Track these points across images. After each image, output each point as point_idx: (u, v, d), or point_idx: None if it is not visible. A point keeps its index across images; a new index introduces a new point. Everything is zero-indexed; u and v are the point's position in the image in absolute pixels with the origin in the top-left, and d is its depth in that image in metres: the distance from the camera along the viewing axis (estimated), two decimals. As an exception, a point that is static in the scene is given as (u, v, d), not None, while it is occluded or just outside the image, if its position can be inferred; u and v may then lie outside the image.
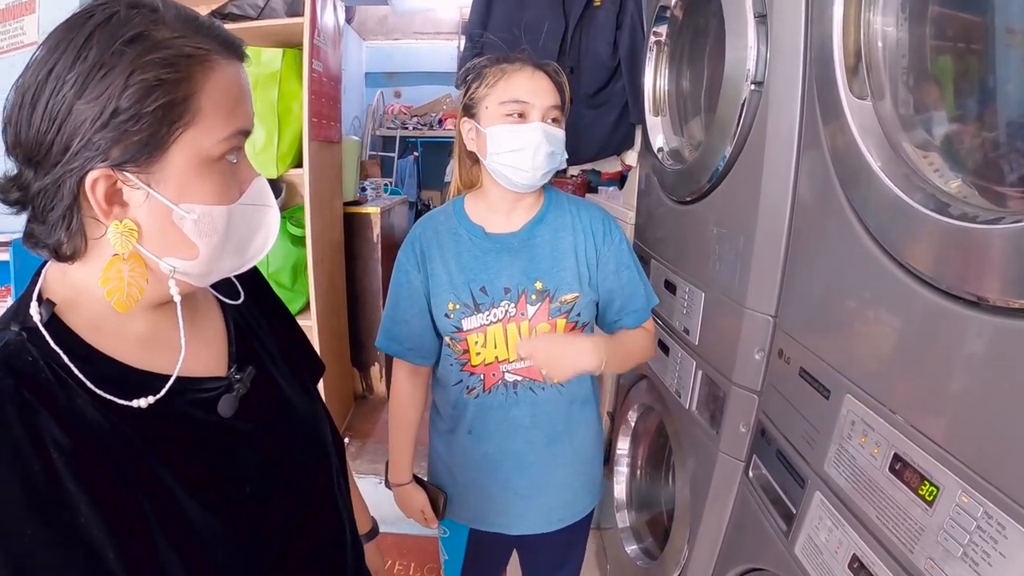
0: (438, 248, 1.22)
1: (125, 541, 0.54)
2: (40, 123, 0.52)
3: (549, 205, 1.25)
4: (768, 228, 1.14)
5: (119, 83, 0.52)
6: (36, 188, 0.54)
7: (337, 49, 2.60)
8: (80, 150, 0.52)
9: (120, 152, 0.53)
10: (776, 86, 1.11)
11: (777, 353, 1.13)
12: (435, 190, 5.39)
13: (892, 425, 0.81)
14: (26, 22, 2.31)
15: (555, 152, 1.15)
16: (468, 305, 1.19)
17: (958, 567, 0.69)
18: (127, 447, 0.57)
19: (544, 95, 1.13)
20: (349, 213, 2.92)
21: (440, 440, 1.36)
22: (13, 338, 0.55)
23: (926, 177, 0.81)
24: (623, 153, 2.18)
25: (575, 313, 1.21)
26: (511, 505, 1.31)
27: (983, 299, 0.69)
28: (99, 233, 0.57)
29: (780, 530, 1.05)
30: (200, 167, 0.58)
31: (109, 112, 0.52)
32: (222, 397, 0.67)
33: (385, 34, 5.17)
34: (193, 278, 0.63)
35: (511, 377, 1.23)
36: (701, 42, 1.60)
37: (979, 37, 0.81)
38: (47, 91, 0.52)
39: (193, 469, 0.62)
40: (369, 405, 3.13)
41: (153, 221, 0.57)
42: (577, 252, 1.22)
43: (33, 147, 0.53)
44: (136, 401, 0.59)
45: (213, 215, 0.60)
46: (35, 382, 0.53)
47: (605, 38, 2.00)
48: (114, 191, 0.55)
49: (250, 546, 0.66)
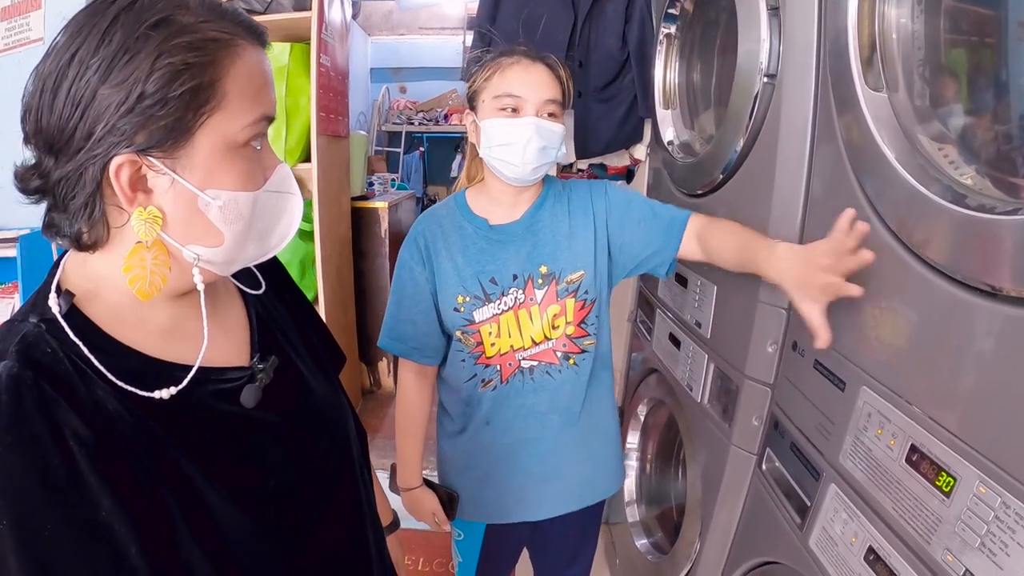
0: (443, 242, 1.23)
1: (148, 535, 0.53)
2: (63, 108, 0.52)
3: (547, 192, 1.26)
4: (782, 220, 1.14)
5: (145, 67, 0.51)
6: (57, 176, 0.54)
7: (344, 44, 2.60)
8: (104, 136, 0.52)
9: (145, 137, 0.53)
10: (789, 79, 1.11)
11: (791, 346, 1.13)
12: (441, 185, 5.40)
13: (909, 416, 0.81)
14: (32, 18, 2.31)
15: (548, 147, 1.14)
16: (479, 296, 1.20)
17: (976, 558, 0.69)
18: (149, 439, 0.56)
19: (539, 88, 1.13)
20: (357, 208, 2.93)
21: (449, 442, 1.36)
22: (32, 330, 0.55)
23: (942, 169, 0.81)
24: (632, 147, 2.17)
25: (582, 291, 1.22)
26: (530, 491, 1.31)
27: (999, 290, 0.69)
28: (121, 221, 0.56)
29: (794, 523, 1.05)
30: (226, 153, 0.57)
31: (135, 96, 0.51)
32: (245, 387, 0.66)
33: (391, 29, 5.16)
34: (217, 266, 0.62)
35: (527, 363, 1.23)
36: (712, 35, 1.60)
37: (993, 31, 0.81)
38: (70, 76, 0.51)
39: (217, 461, 0.61)
40: (377, 400, 3.14)
41: (178, 208, 0.57)
42: (581, 231, 1.23)
43: (55, 133, 0.53)
44: (158, 392, 0.58)
45: (239, 202, 0.59)
46: (54, 374, 0.53)
47: (614, 31, 2.00)
48: (138, 177, 0.55)
49: (275, 539, 0.65)
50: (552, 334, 1.23)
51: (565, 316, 1.23)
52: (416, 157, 5.19)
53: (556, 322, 1.22)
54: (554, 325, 1.22)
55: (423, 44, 5.13)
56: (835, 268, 0.87)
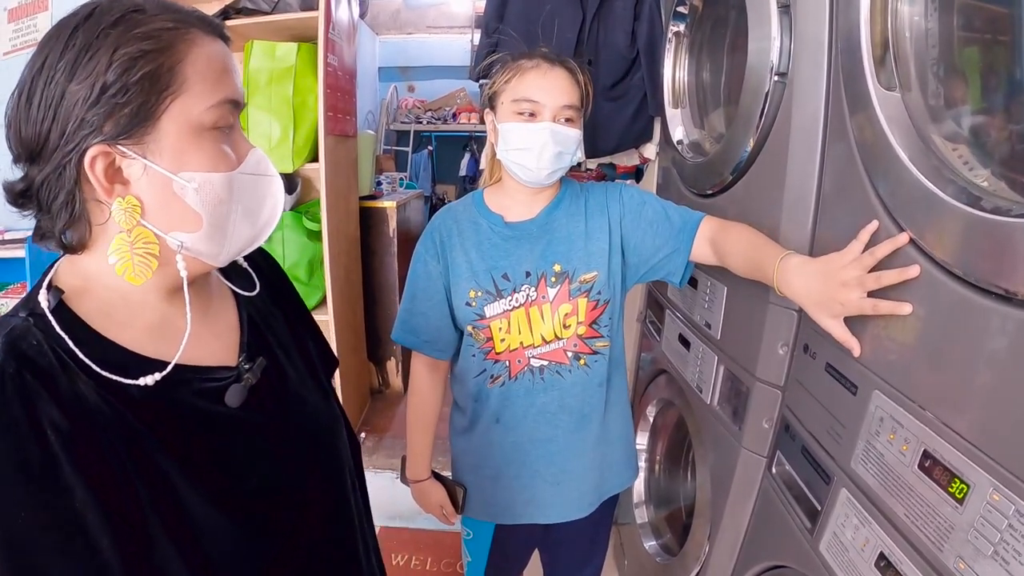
0: (458, 237, 1.24)
1: (121, 529, 0.54)
2: (37, 113, 0.55)
3: (565, 192, 1.27)
4: (792, 221, 1.12)
5: (105, 60, 0.54)
6: (39, 180, 0.57)
7: (352, 43, 2.60)
8: (75, 131, 0.55)
9: (113, 126, 0.55)
10: (800, 77, 1.09)
11: (802, 348, 1.11)
12: (450, 184, 5.40)
13: (922, 421, 0.80)
14: (39, 19, 2.33)
15: (563, 152, 1.15)
16: (490, 292, 1.21)
17: (989, 566, 0.68)
18: (128, 434, 0.58)
19: (557, 94, 1.13)
20: (365, 207, 2.93)
21: (461, 439, 1.36)
22: (20, 323, 0.57)
23: (956, 170, 0.80)
24: (641, 146, 2.16)
25: (595, 292, 1.22)
26: (540, 493, 1.31)
27: (1014, 294, 0.67)
28: (103, 218, 0.59)
29: (804, 527, 1.04)
30: (193, 135, 0.59)
31: (99, 88, 0.54)
32: (230, 387, 0.67)
33: (398, 28, 5.17)
34: (205, 256, 0.64)
35: (537, 362, 1.23)
36: (721, 33, 1.58)
37: (1008, 28, 0.79)
38: (40, 82, 0.55)
39: (196, 459, 0.62)
40: (386, 400, 3.14)
41: (154, 193, 0.59)
42: (595, 233, 1.23)
43: (33, 139, 0.56)
44: (142, 379, 0.59)
45: (214, 183, 0.61)
46: (37, 365, 0.55)
47: (623, 29, 1.98)
48: (114, 169, 0.57)
49: (254, 540, 0.66)
50: (563, 333, 1.23)
51: (577, 315, 1.23)
52: (425, 156, 5.20)
53: (567, 321, 1.22)
54: (565, 324, 1.22)
55: (431, 43, 5.13)
56: (863, 284, 0.84)
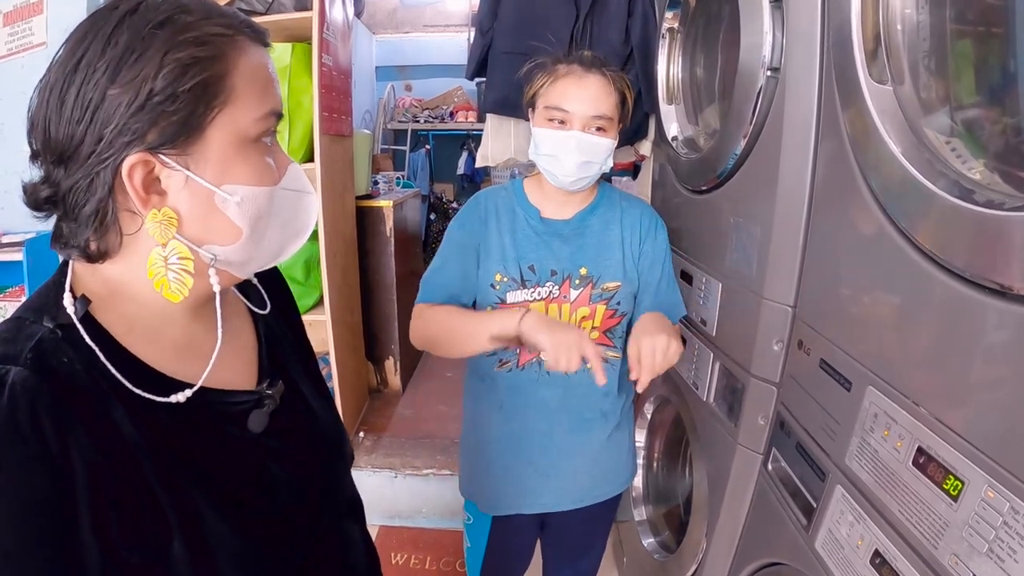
0: (496, 220, 1.25)
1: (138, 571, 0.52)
2: (72, 114, 0.51)
3: (601, 198, 1.28)
4: (786, 216, 1.12)
5: (154, 64, 0.51)
6: (68, 185, 0.53)
7: (347, 43, 2.59)
8: (115, 137, 0.51)
9: (157, 135, 0.52)
10: (793, 72, 1.09)
11: (796, 344, 1.11)
12: (447, 183, 5.39)
13: (916, 418, 0.79)
14: (34, 23, 2.32)
15: (590, 162, 1.16)
16: (515, 280, 1.22)
17: (983, 563, 0.68)
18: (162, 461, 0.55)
19: (588, 103, 1.13)
20: (362, 207, 2.92)
21: (467, 422, 1.39)
22: (47, 335, 0.52)
23: (949, 163, 0.79)
24: (637, 143, 2.15)
25: (615, 301, 1.24)
26: (531, 483, 1.32)
27: (1008, 288, 0.66)
28: (134, 228, 0.55)
29: (800, 524, 1.04)
30: (239, 148, 0.57)
31: (145, 94, 0.51)
32: (252, 412, 0.65)
33: (395, 27, 5.16)
34: (234, 267, 0.61)
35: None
36: (715, 28, 1.58)
37: (1000, 20, 0.78)
38: (77, 81, 0.51)
39: (224, 487, 0.60)
40: (384, 399, 3.13)
41: (194, 206, 0.56)
42: (624, 245, 1.25)
43: (64, 142, 0.52)
44: (174, 396, 0.57)
45: (257, 197, 0.59)
46: (75, 389, 0.51)
47: (617, 26, 1.97)
48: (152, 178, 0.54)
49: (271, 562, 0.64)
50: None
51: (593, 320, 1.24)
52: (422, 155, 5.19)
53: (583, 324, 1.23)
54: (580, 327, 1.21)
55: (428, 42, 5.12)
56: None
